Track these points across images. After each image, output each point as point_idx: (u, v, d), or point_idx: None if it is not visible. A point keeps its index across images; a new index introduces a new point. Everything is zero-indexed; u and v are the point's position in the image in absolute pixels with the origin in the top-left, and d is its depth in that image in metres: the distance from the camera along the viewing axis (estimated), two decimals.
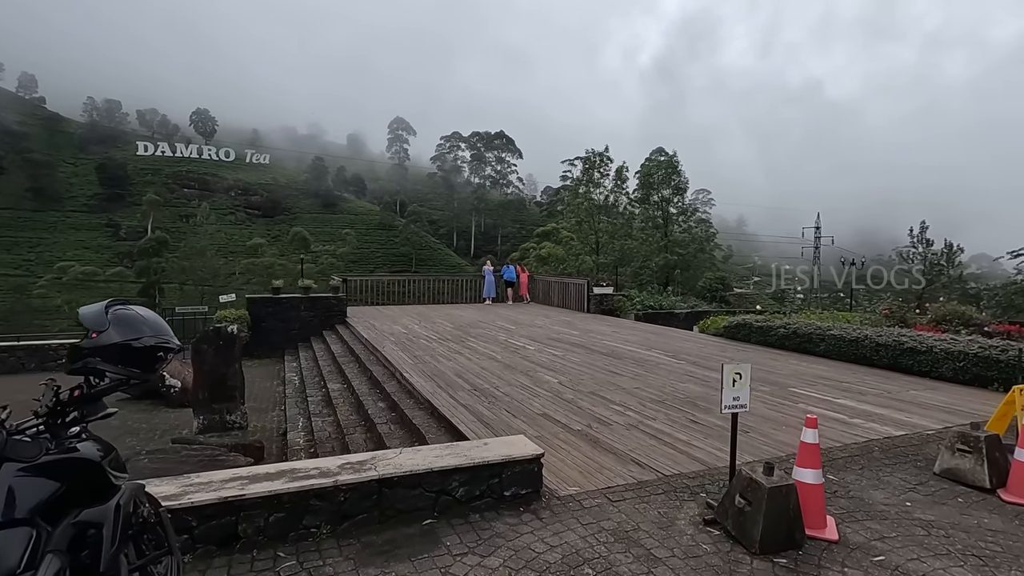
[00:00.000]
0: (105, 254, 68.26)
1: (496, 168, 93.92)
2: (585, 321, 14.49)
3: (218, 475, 3.29)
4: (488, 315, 15.55)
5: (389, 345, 10.07)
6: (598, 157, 39.46)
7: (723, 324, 11.92)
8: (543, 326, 13.32)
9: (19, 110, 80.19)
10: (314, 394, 9.01)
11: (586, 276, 21.22)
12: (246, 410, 8.07)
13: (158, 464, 5.54)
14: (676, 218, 45.98)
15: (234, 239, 70.47)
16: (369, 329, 12.24)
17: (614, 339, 11.35)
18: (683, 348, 10.37)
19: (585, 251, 38.86)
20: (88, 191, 74.20)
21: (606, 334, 12.07)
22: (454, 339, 11.05)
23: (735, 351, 10.20)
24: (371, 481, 3.35)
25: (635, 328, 13.46)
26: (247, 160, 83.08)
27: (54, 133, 78.97)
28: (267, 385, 10.86)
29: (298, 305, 13.85)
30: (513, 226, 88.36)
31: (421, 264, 77.69)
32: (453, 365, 8.44)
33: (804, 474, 3.49)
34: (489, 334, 11.79)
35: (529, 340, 11.04)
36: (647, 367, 8.48)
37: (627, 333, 12.36)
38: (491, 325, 13.31)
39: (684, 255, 43.08)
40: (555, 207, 77.48)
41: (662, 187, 45.12)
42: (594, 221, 37.74)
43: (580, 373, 7.96)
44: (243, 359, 13.38)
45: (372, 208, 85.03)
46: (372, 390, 8.00)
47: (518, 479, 3.76)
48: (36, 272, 60.83)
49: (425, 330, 12.30)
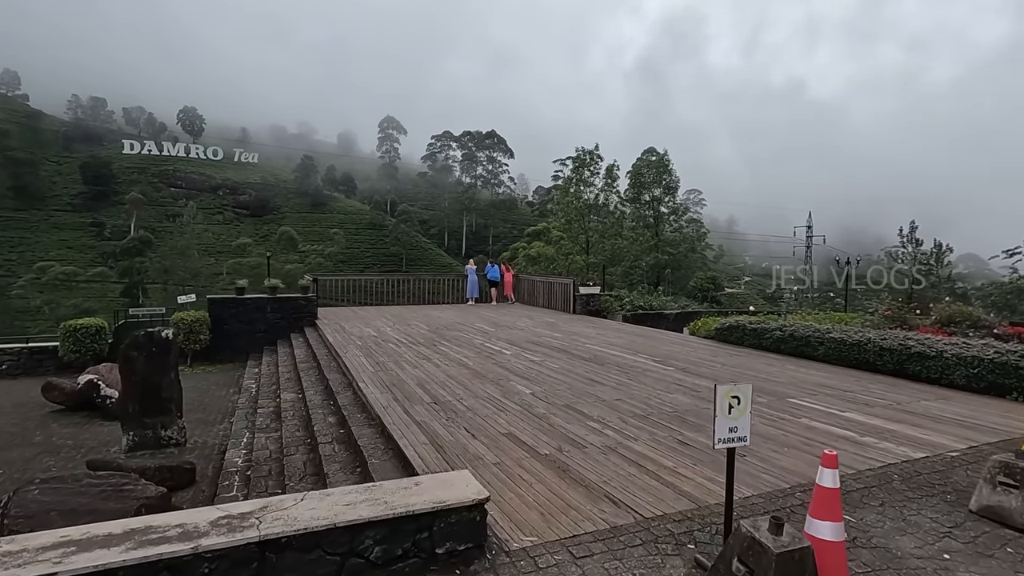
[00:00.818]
0: (89, 254, 66.70)
1: (487, 168, 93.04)
2: (570, 323, 13.67)
3: (36, 539, 2.43)
4: (468, 316, 14.70)
5: (353, 351, 9.20)
6: (588, 155, 38.70)
7: (715, 326, 11.13)
8: (524, 328, 12.49)
9: (1, 107, 78.42)
10: (266, 405, 8.13)
11: (572, 276, 20.43)
12: (184, 424, 7.17)
13: (49, 497, 4.65)
14: (667, 217, 45.37)
15: (222, 239, 69.14)
16: (337, 332, 11.36)
17: (598, 342, 10.54)
18: (672, 352, 9.57)
19: (575, 251, 38.08)
20: (72, 190, 72.58)
21: (590, 337, 11.26)
22: (426, 343, 10.20)
23: (727, 355, 9.41)
24: (249, 544, 2.50)
25: (621, 330, 12.66)
26: (235, 159, 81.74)
27: (37, 131, 77.21)
28: (222, 394, 9.95)
29: (264, 306, 12.93)
30: (504, 226, 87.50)
31: (412, 264, 76.66)
32: (418, 373, 7.59)
33: (821, 528, 2.67)
34: (465, 337, 10.94)
35: (507, 344, 10.20)
36: (632, 374, 7.66)
37: (613, 335, 11.55)
38: (469, 327, 12.46)
39: (675, 255, 42.46)
40: (546, 207, 76.80)
41: (653, 186, 44.50)
42: (584, 220, 36.95)
43: (557, 382, 7.13)
44: (203, 364, 12.50)
45: (362, 207, 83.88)
46: (325, 401, 7.13)
47: (455, 531, 2.92)
48: (17, 272, 59.21)
49: (397, 333, 11.43)
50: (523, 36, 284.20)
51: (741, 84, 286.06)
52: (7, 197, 68.47)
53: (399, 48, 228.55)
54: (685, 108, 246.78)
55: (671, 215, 45.60)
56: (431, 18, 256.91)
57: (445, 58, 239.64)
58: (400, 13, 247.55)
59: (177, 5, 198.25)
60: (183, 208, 69.50)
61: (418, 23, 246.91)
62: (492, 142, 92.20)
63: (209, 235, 69.09)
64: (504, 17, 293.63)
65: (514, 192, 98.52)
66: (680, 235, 43.44)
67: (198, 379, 11.09)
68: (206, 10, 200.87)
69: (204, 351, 12.19)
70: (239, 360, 12.49)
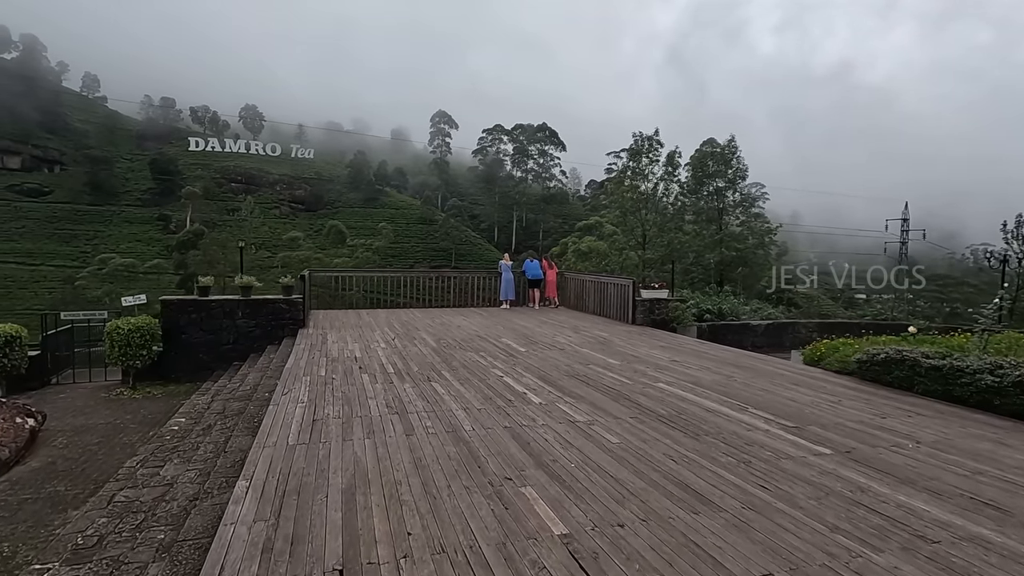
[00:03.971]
0: (155, 247, 67.96)
1: (539, 161, 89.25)
2: (629, 339, 9.97)
3: None
4: (495, 326, 11.24)
5: (297, 391, 5.92)
6: (646, 142, 34.29)
7: (856, 356, 7.17)
8: (567, 347, 8.90)
9: (82, 109, 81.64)
10: (148, 475, 4.96)
11: (630, 276, 16.57)
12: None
13: None
14: (733, 210, 40.53)
15: (276, 232, 69.01)
16: (310, 350, 8.18)
17: (676, 377, 6.82)
18: (801, 406, 5.75)
19: (630, 245, 33.95)
20: (142, 186, 74.46)
21: (663, 366, 7.55)
22: (418, 374, 6.81)
23: (901, 414, 5.50)
24: None
25: (703, 353, 8.84)
26: (292, 155, 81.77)
27: (113, 130, 79.76)
28: (134, 439, 6.93)
29: (234, 311, 9.94)
30: (555, 220, 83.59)
31: (460, 259, 74.23)
32: (365, 451, 4.19)
33: None
34: (479, 364, 7.47)
35: (537, 380, 6.65)
36: (755, 467, 3.97)
37: (693, 363, 7.78)
38: (491, 344, 9.00)
39: (742, 250, 37.64)
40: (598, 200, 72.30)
41: (716, 177, 39.91)
42: (641, 212, 32.76)
43: (617, 482, 3.56)
44: (150, 385, 9.60)
45: (413, 202, 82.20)
46: (192, 502, 3.86)
47: None
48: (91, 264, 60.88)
49: (389, 353, 8.11)
50: (552, 29, 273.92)
51: (786, 68, 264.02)
52: (85, 193, 70.90)
53: (432, 41, 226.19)
54: (725, 95, 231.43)
55: (737, 208, 40.75)
56: (457, 10, 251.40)
57: (475, 52, 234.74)
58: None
59: (238, 9, 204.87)
60: (241, 202, 69.92)
61: (448, 24, 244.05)
62: (543, 135, 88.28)
63: (265, 229, 69.18)
64: (533, 8, 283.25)
65: (566, 186, 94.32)
66: (748, 229, 38.55)
67: (130, 407, 8.19)
68: (264, 16, 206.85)
69: (154, 367, 9.33)
70: (200, 378, 9.56)
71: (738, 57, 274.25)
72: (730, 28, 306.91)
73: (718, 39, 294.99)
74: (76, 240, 67.41)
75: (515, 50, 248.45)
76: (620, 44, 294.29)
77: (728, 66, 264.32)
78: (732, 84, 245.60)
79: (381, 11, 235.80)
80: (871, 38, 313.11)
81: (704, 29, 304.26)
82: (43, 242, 65.19)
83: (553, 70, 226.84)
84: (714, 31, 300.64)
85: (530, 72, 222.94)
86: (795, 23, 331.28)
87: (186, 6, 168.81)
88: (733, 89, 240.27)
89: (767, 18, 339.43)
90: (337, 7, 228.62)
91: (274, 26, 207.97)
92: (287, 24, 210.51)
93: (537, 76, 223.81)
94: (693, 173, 38.79)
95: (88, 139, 75.03)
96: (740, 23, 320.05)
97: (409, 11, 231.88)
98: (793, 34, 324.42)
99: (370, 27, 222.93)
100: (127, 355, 8.65)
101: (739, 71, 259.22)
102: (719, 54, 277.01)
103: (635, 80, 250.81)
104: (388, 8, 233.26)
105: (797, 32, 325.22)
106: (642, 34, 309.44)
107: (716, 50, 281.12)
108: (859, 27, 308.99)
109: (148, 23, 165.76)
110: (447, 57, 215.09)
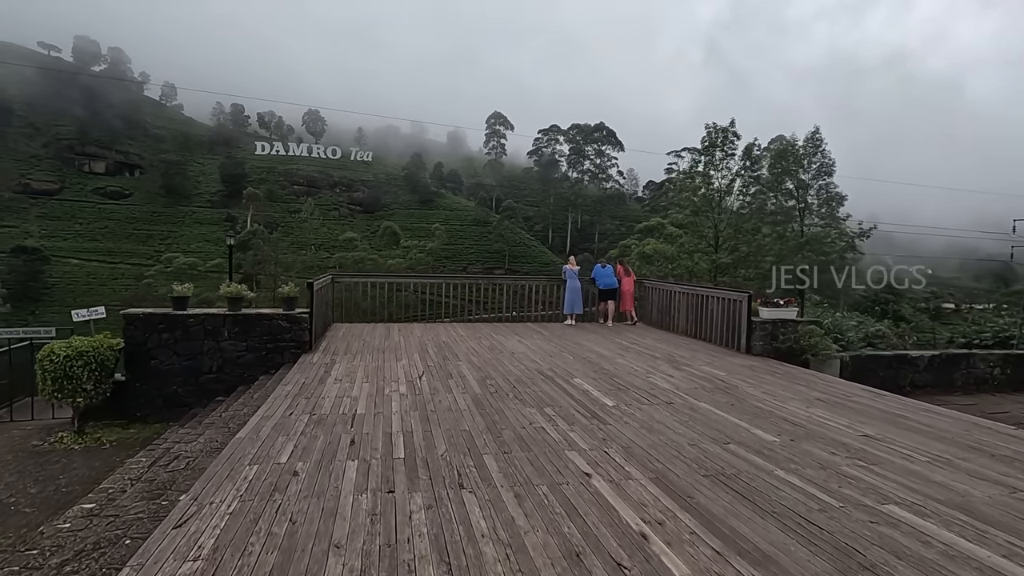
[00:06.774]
0: (221, 247, 69.33)
1: (595, 162, 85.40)
2: (758, 381, 6.71)
3: None
4: (563, 355, 8.22)
5: (210, 511, 3.14)
6: (721, 133, 30.20)
7: None
8: (675, 401, 5.77)
9: (160, 116, 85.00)
10: None
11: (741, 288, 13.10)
12: None
13: None
14: (818, 210, 35.82)
15: (334, 233, 68.88)
16: (293, 397, 5.47)
17: (903, 484, 3.57)
18: None
19: (701, 247, 30.01)
20: (212, 188, 76.38)
21: (854, 449, 4.29)
22: (441, 466, 3.89)
23: None
24: None
25: (897, 417, 5.46)
26: (352, 157, 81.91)
27: (187, 136, 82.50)
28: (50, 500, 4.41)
29: (218, 329, 7.45)
30: (612, 222, 79.50)
31: (514, 261, 71.66)
32: None
33: None
34: (546, 439, 4.48)
35: (651, 483, 3.59)
36: None
37: (906, 447, 4.47)
38: (561, 392, 6.00)
39: (830, 255, 32.92)
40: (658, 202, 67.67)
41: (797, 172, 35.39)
42: (714, 211, 28.83)
43: None
44: (106, 426, 7.04)
45: (467, 204, 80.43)
46: None
47: None
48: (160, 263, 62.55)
49: (407, 408, 5.28)
50: (593, 27, 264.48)
51: (840, 58, 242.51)
52: (160, 195, 73.41)
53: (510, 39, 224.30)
54: (774, 87, 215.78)
55: (822, 207, 35.99)
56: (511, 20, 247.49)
57: (529, 55, 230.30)
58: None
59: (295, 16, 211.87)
60: (303, 204, 70.31)
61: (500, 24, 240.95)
62: (600, 135, 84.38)
63: (324, 230, 69.20)
64: (573, 7, 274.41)
65: (623, 187, 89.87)
66: (837, 230, 33.79)
67: (53, 465, 5.77)
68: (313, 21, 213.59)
69: (111, 402, 6.94)
70: (174, 417, 7.08)
71: (790, 48, 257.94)
72: (773, 21, 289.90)
73: (764, 30, 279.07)
74: (151, 240, 69.67)
75: (555, 48, 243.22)
76: (659, 41, 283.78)
77: (778, 59, 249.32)
78: (779, 78, 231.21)
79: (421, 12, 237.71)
80: (931, 23, 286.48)
81: (750, 20, 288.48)
82: (122, 241, 67.74)
83: (589, 70, 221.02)
84: (759, 22, 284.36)
85: (573, 73, 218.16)
86: (846, 10, 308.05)
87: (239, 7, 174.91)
88: (779, 83, 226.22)
89: (812, 3, 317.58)
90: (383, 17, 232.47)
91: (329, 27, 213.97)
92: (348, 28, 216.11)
93: (579, 77, 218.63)
94: (771, 166, 34.50)
95: (164, 144, 77.76)
96: (781, 8, 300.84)
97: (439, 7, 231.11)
98: (845, 21, 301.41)
99: (408, 25, 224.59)
100: (64, 390, 6.25)
101: (789, 63, 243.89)
102: (770, 45, 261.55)
103: (678, 77, 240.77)
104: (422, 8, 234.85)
105: (850, 18, 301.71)
106: (682, 31, 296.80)
107: (764, 41, 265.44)
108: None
109: (220, 23, 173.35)
110: (487, 57, 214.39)
